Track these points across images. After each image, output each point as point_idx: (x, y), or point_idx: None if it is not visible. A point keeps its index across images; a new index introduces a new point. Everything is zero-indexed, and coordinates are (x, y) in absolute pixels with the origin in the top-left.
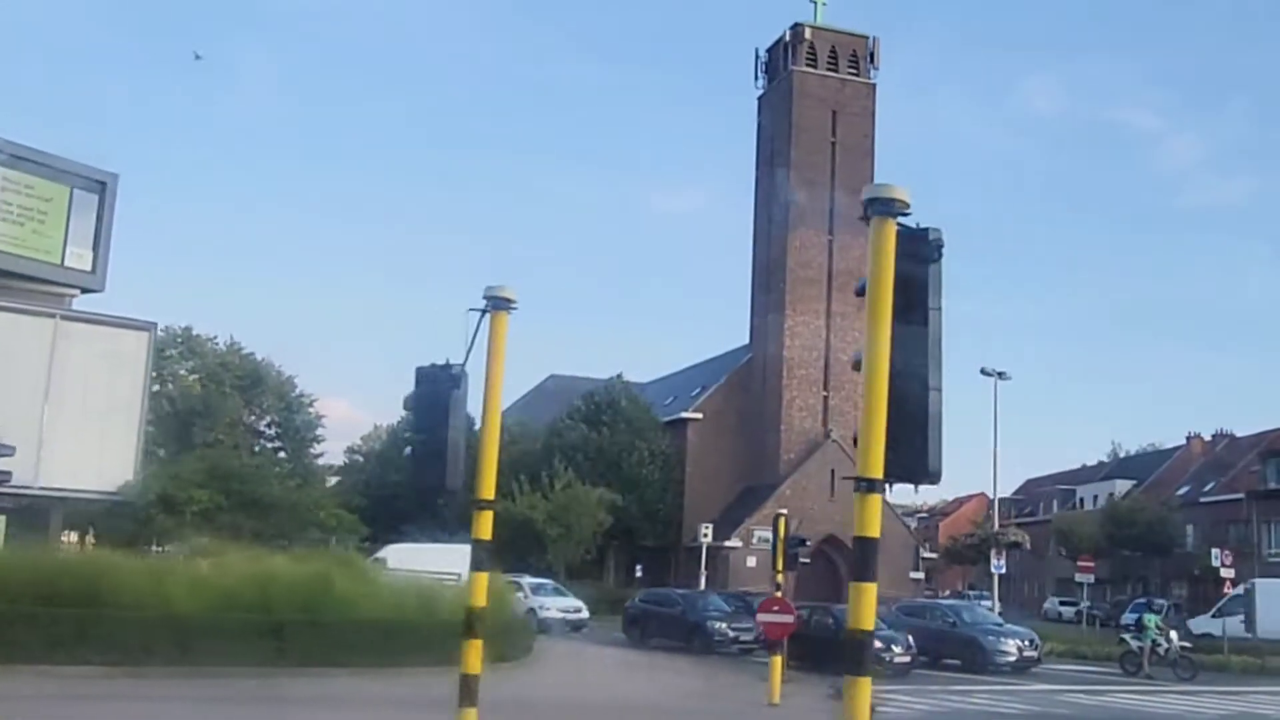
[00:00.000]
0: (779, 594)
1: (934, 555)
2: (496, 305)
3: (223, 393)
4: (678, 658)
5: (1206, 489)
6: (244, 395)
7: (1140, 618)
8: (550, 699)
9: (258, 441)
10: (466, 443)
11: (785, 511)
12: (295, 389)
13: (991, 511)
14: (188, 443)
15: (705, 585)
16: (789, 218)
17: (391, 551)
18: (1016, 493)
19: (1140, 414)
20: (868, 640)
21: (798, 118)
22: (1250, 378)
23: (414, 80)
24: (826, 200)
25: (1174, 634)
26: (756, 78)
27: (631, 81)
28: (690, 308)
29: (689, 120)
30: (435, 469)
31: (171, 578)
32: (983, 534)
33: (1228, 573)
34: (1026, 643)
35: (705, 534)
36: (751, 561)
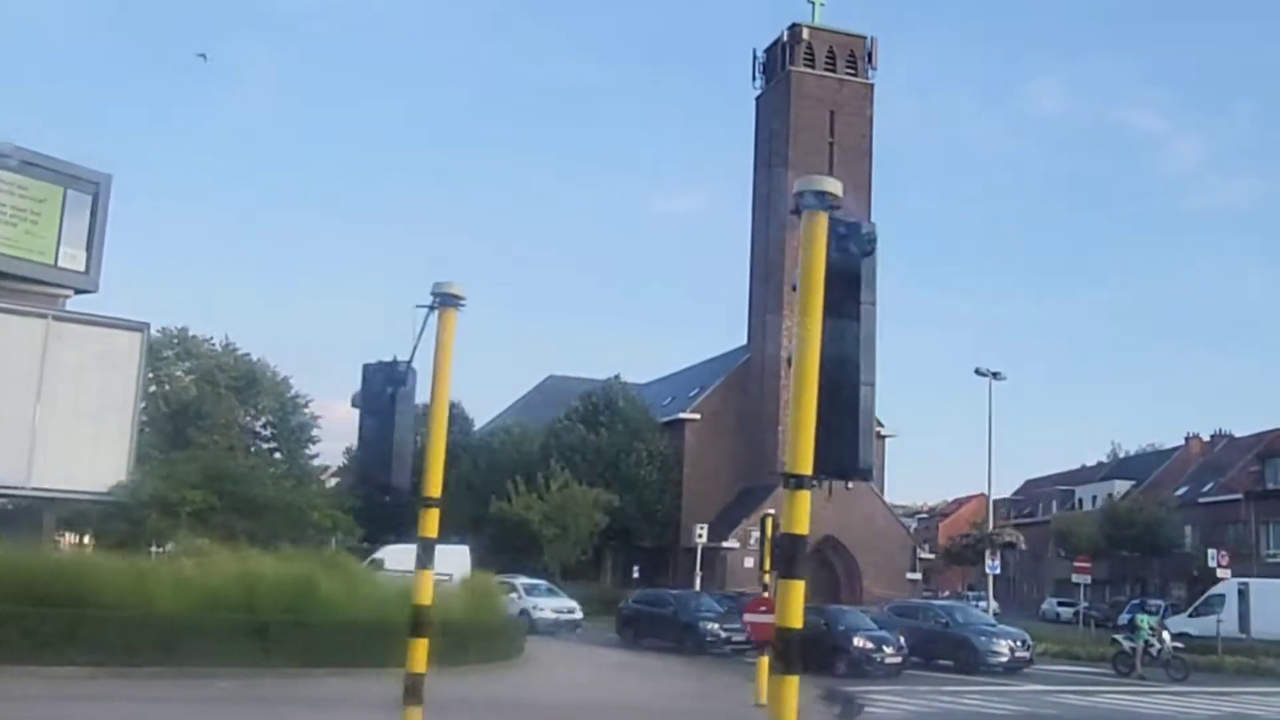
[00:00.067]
0: (766, 594)
1: (933, 556)
2: (445, 302)
3: (218, 394)
4: (670, 658)
5: (1205, 489)
6: (239, 396)
7: (1133, 618)
8: (539, 700)
9: (253, 442)
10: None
11: (773, 511)
12: (291, 390)
13: (989, 512)
14: (183, 444)
15: (701, 586)
16: (787, 218)
17: (389, 552)
18: (1016, 493)
19: (1139, 414)
20: (794, 639)
21: (796, 118)
22: (1249, 378)
23: (414, 80)
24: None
25: (1167, 635)
26: (755, 78)
27: (631, 82)
28: (689, 309)
29: (688, 121)
30: (381, 466)
31: (156, 578)
32: (980, 535)
33: (1224, 573)
34: (1019, 643)
35: (700, 535)
36: (749, 562)
